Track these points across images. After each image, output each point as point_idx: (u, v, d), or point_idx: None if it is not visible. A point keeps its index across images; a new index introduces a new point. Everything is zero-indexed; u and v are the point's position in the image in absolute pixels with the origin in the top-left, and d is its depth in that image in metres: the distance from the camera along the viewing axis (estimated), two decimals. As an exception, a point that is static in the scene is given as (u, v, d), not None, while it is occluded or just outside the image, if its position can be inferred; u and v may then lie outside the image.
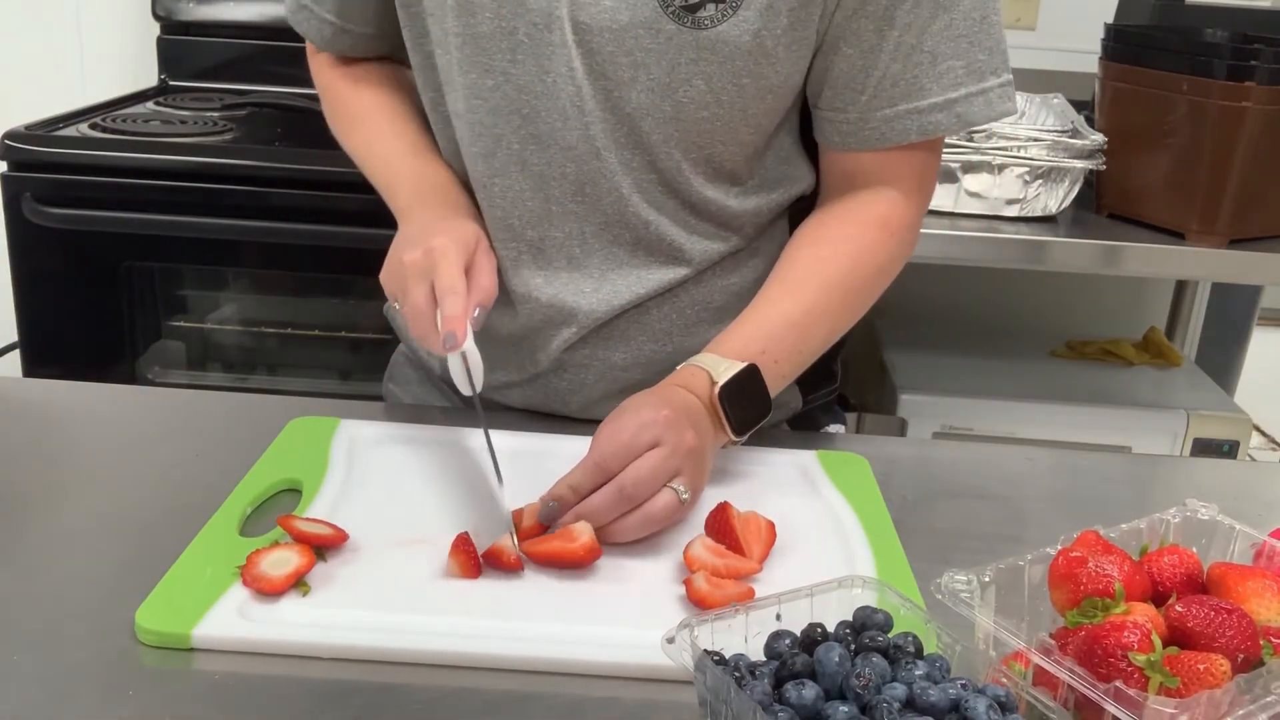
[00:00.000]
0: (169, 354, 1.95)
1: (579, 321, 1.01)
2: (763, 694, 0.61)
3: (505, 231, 1.00)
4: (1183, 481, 1.13)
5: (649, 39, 0.90)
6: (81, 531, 0.86)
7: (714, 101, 0.93)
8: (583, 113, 0.94)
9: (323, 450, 0.97)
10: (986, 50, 0.95)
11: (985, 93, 0.96)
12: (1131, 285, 2.28)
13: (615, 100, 0.93)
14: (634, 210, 0.97)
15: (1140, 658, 0.61)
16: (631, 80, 0.92)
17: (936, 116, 0.96)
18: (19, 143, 1.76)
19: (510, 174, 0.98)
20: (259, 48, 2.21)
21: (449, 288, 0.88)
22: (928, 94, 0.95)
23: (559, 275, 1.00)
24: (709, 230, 1.00)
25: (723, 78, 0.92)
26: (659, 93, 0.92)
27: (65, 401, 1.10)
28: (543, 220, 0.99)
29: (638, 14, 0.90)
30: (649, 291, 1.00)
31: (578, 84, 0.93)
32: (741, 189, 1.00)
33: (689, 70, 0.91)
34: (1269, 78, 1.58)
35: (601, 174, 0.96)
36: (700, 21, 0.90)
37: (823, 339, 1.01)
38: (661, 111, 0.93)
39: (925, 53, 0.94)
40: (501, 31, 0.93)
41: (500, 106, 0.95)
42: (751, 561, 0.83)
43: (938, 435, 1.85)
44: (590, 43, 0.91)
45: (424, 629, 0.75)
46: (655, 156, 0.95)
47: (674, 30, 0.90)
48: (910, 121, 0.96)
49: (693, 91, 0.92)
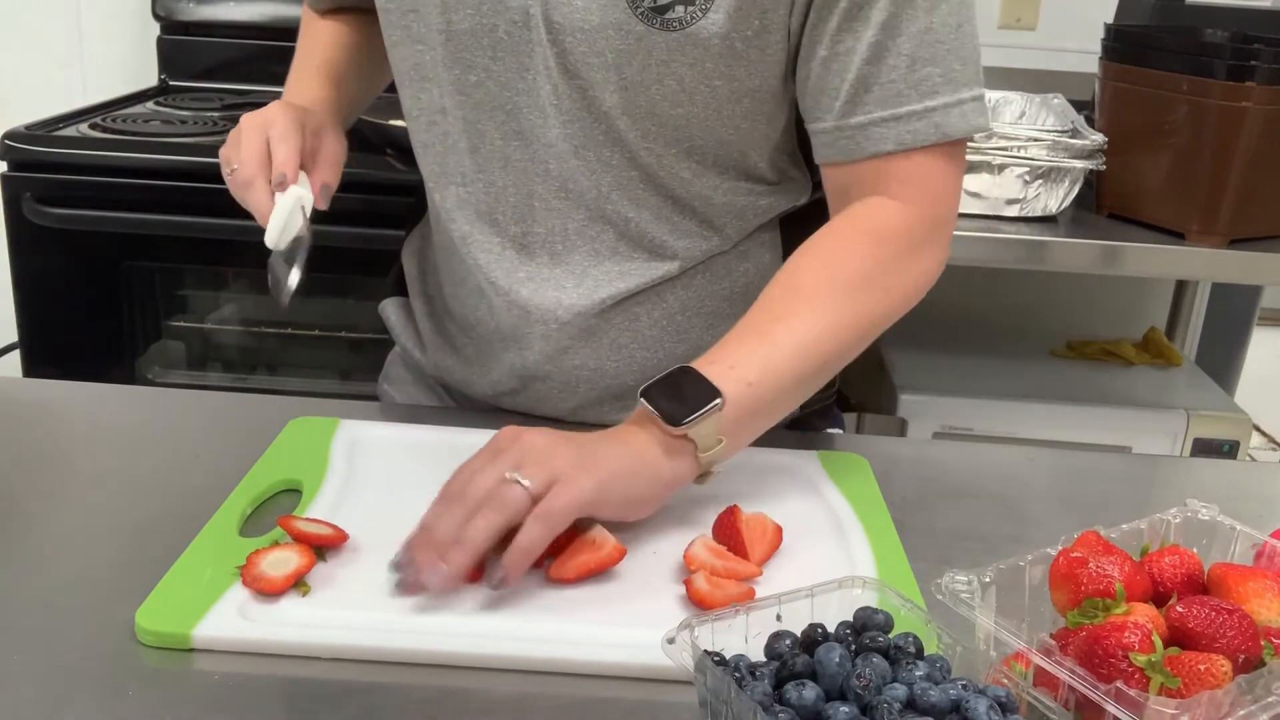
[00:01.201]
0: (169, 354, 1.95)
1: (560, 317, 1.00)
2: (763, 694, 0.61)
3: (489, 226, 1.01)
4: (1183, 481, 1.13)
5: (619, 39, 0.90)
6: (81, 531, 0.86)
7: (687, 100, 0.93)
8: (561, 110, 0.94)
9: (322, 450, 0.97)
10: (962, 60, 0.91)
11: (961, 104, 0.91)
12: (1131, 285, 2.28)
13: (590, 99, 0.93)
14: (614, 207, 0.98)
15: (1141, 658, 0.61)
16: (604, 80, 0.92)
17: (915, 125, 0.91)
18: (19, 143, 1.76)
19: (493, 170, 0.98)
20: (259, 48, 2.21)
21: (281, 137, 0.95)
22: (905, 100, 0.91)
23: (541, 270, 1.00)
24: (692, 227, 1.00)
25: (694, 79, 0.92)
26: (632, 92, 0.92)
27: (65, 401, 1.10)
28: (526, 216, 0.99)
29: (608, 15, 0.90)
30: (632, 287, 1.00)
31: (554, 82, 0.93)
32: (726, 185, 0.99)
33: (660, 71, 0.91)
34: (1269, 78, 1.58)
35: (582, 171, 0.96)
36: (669, 23, 0.89)
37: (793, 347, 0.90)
38: (637, 109, 0.93)
39: (902, 56, 0.90)
40: (483, 28, 0.93)
41: (483, 102, 0.96)
42: (751, 565, 0.83)
43: (938, 435, 1.85)
44: (563, 42, 0.91)
45: (424, 629, 0.75)
46: (635, 153, 0.95)
47: (643, 31, 0.90)
48: (887, 130, 0.92)
49: (665, 91, 0.92)
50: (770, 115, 0.97)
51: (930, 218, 0.96)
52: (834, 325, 0.92)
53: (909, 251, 0.95)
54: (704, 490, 0.90)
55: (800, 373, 0.91)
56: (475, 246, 1.02)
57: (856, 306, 0.93)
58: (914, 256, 0.96)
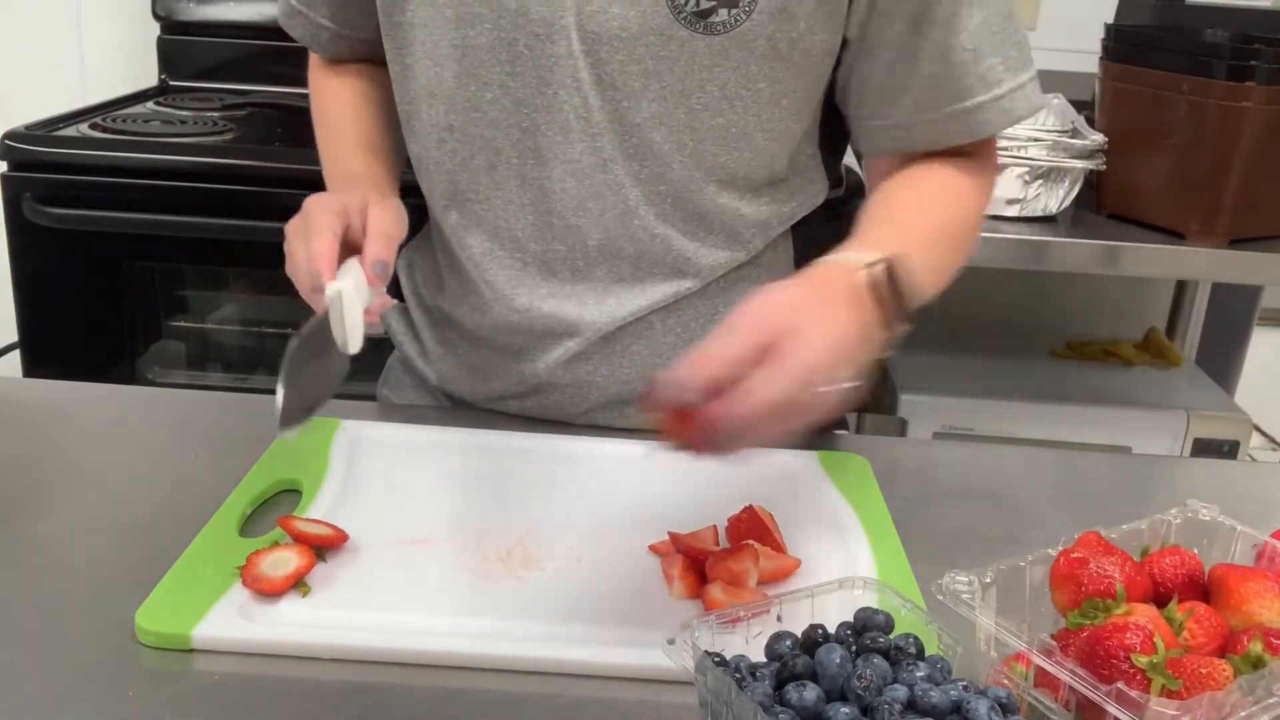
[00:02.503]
0: (169, 354, 1.95)
1: (581, 333, 1.00)
2: (764, 695, 0.61)
3: (509, 244, 0.99)
4: (1183, 482, 1.13)
5: (661, 46, 0.89)
6: (81, 531, 0.86)
7: (729, 108, 0.92)
8: (589, 124, 0.92)
9: (323, 451, 0.97)
10: (1016, 45, 0.94)
11: (1023, 87, 0.95)
12: (1131, 285, 2.28)
13: (624, 110, 0.92)
14: (640, 223, 0.96)
15: (1142, 659, 0.61)
16: (643, 89, 0.91)
17: (985, 116, 0.94)
18: (19, 143, 1.76)
19: (510, 188, 0.97)
20: (259, 48, 2.21)
21: (315, 232, 0.86)
22: (973, 93, 0.93)
23: (562, 288, 1.00)
24: (718, 242, 0.99)
25: (736, 83, 0.91)
26: (671, 101, 0.91)
27: (65, 401, 1.10)
28: (545, 234, 0.98)
29: (649, 21, 0.88)
30: (653, 304, 1.00)
31: (584, 95, 0.91)
32: (755, 198, 0.99)
33: (703, 76, 0.90)
34: (1269, 78, 1.58)
35: (608, 186, 0.95)
36: (713, 26, 0.88)
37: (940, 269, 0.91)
38: (674, 120, 0.92)
39: (967, 51, 0.92)
40: (500, 43, 0.92)
41: (498, 120, 0.94)
42: (792, 557, 0.83)
43: (938, 435, 1.85)
44: (599, 52, 0.90)
45: (424, 629, 0.75)
46: (667, 167, 0.94)
47: (686, 36, 0.89)
48: (959, 124, 0.95)
49: (706, 98, 0.91)
50: (802, 115, 0.97)
51: (995, 181, 1.03)
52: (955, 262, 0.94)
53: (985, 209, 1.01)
54: (704, 490, 0.90)
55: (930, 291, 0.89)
56: (492, 265, 1.00)
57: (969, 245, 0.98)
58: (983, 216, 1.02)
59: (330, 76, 1.11)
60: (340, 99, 1.09)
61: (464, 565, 0.82)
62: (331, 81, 1.11)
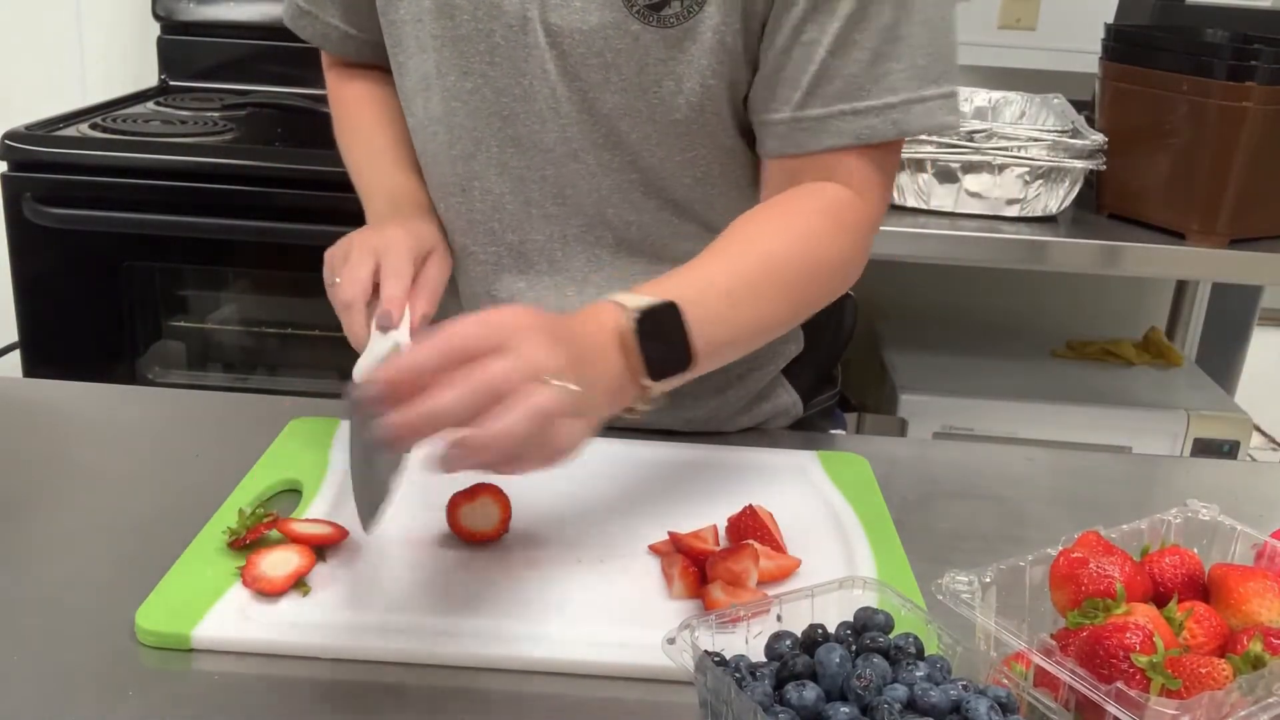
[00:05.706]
0: (169, 354, 1.95)
1: None
2: (763, 695, 0.61)
3: (486, 235, 1.00)
4: (1183, 482, 1.13)
5: (617, 39, 0.90)
6: (81, 532, 0.86)
7: (685, 103, 0.92)
8: (559, 114, 0.94)
9: (323, 450, 0.97)
10: (929, 56, 0.90)
11: (925, 101, 0.90)
12: (1131, 285, 2.28)
13: (591, 101, 0.93)
14: (615, 211, 0.97)
15: (1142, 659, 0.61)
16: (604, 81, 0.92)
17: (872, 120, 0.90)
18: (19, 143, 1.76)
19: (489, 177, 0.98)
20: (259, 48, 2.21)
21: (394, 270, 0.86)
22: (865, 95, 0.89)
23: (541, 279, 1.00)
24: (692, 231, 0.99)
25: (690, 77, 0.91)
26: (632, 93, 0.92)
27: (65, 401, 1.10)
28: (523, 223, 0.99)
29: (605, 15, 0.89)
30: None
31: (553, 86, 0.93)
32: (728, 187, 0.99)
33: (658, 70, 0.91)
34: (1269, 78, 1.58)
35: (581, 175, 0.96)
36: (665, 20, 0.89)
37: (753, 319, 0.88)
38: (637, 112, 0.93)
39: (865, 50, 0.88)
40: (479, 34, 0.93)
41: (479, 109, 0.96)
42: (792, 557, 0.83)
43: (938, 435, 1.85)
44: (562, 44, 0.91)
45: (424, 629, 0.75)
46: (636, 156, 0.95)
47: (640, 30, 0.90)
48: (845, 123, 0.90)
49: (663, 92, 0.92)
50: None
51: (881, 209, 0.96)
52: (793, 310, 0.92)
53: (865, 248, 0.95)
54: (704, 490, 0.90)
55: (743, 336, 0.88)
56: (470, 259, 1.02)
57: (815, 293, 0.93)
58: (867, 251, 0.96)
59: (349, 80, 1.11)
60: (363, 106, 1.09)
61: (464, 565, 0.83)
62: (352, 87, 1.11)
